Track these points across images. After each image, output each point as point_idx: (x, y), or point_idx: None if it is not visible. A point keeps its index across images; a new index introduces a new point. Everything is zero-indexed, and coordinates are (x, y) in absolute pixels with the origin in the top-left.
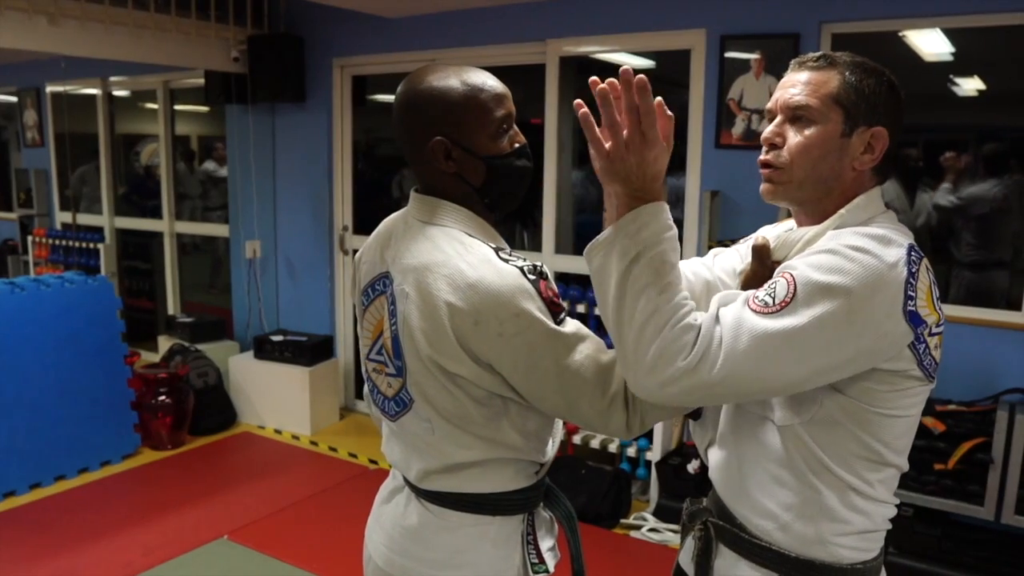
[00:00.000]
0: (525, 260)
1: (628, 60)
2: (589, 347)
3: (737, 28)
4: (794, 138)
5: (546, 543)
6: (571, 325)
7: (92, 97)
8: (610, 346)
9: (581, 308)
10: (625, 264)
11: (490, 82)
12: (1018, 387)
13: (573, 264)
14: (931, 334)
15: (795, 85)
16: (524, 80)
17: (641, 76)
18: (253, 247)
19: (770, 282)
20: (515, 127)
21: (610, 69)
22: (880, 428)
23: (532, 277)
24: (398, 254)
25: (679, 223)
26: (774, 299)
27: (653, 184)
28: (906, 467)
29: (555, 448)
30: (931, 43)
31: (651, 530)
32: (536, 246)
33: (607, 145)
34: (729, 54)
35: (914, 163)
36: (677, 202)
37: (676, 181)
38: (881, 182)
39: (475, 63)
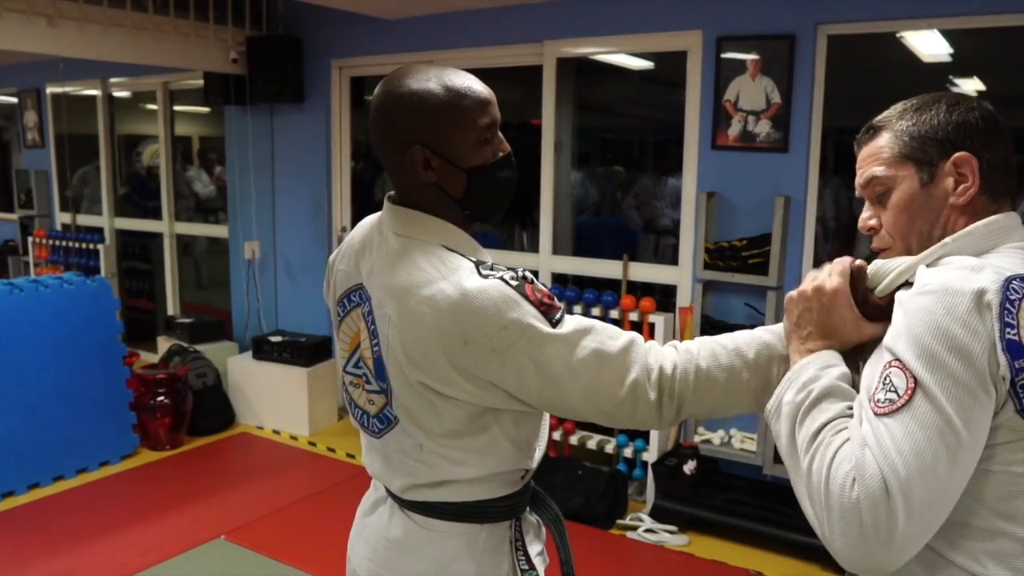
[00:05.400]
0: (507, 270)
1: (625, 61)
2: (593, 340)
3: (733, 29)
4: (885, 215)
5: (534, 548)
6: (570, 323)
7: (92, 98)
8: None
9: (578, 308)
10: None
11: (475, 87)
12: None
13: (571, 265)
14: None
15: (860, 166)
16: (522, 81)
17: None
18: (252, 248)
19: (882, 375)
20: (500, 135)
21: (608, 70)
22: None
23: (515, 283)
24: (374, 269)
25: (675, 224)
26: (897, 392)
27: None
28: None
29: (541, 453)
30: (929, 44)
31: (647, 531)
32: (534, 247)
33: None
34: (725, 55)
35: None
36: (677, 203)
37: (675, 182)
38: (1001, 207)
39: (473, 64)
